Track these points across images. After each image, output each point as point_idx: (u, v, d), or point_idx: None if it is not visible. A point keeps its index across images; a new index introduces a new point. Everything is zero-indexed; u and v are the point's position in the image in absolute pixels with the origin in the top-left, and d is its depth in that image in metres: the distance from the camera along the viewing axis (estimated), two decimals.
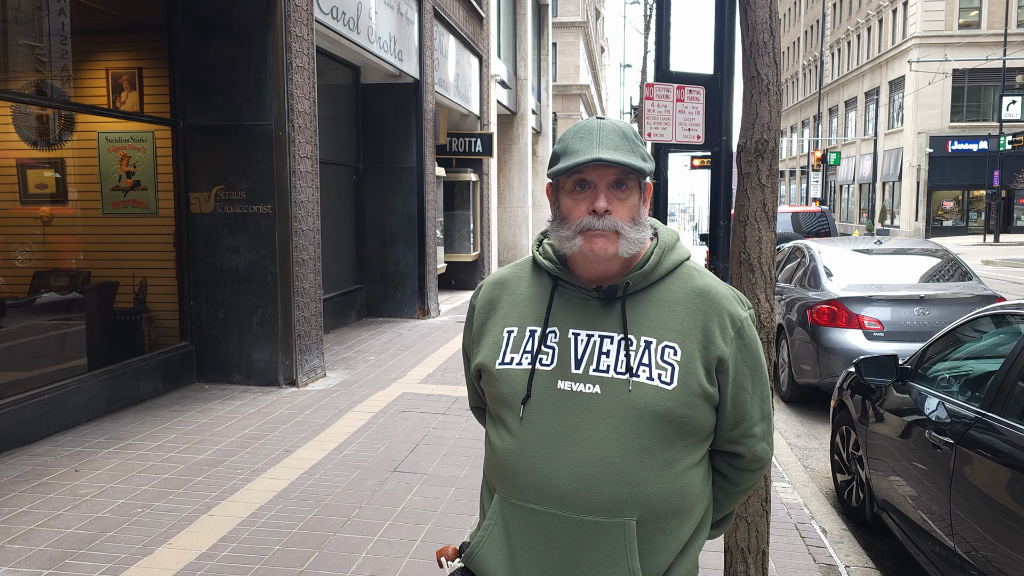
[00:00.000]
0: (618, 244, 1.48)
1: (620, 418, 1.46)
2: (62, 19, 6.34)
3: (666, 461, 1.48)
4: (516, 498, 1.51)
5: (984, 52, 36.25)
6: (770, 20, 2.35)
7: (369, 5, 9.27)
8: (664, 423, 1.47)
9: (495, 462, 1.57)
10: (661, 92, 6.59)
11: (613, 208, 1.48)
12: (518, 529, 1.51)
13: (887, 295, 7.18)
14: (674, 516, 1.50)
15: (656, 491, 1.47)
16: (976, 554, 3.13)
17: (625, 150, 1.47)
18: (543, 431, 1.49)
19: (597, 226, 1.47)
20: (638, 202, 1.52)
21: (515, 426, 1.52)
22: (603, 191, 1.48)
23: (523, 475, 1.50)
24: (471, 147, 14.56)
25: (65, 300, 6.43)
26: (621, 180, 1.49)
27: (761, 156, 2.44)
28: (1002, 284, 17.56)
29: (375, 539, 3.98)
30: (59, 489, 4.57)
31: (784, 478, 5.21)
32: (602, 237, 1.47)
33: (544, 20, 23.63)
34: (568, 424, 1.48)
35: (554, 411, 1.49)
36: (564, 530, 1.47)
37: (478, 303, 1.67)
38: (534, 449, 1.49)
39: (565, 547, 1.47)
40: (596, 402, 1.48)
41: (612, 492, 1.45)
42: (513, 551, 1.51)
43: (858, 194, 47.97)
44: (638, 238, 1.50)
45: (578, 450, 1.47)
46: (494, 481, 1.58)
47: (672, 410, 1.46)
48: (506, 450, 1.54)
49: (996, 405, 3.24)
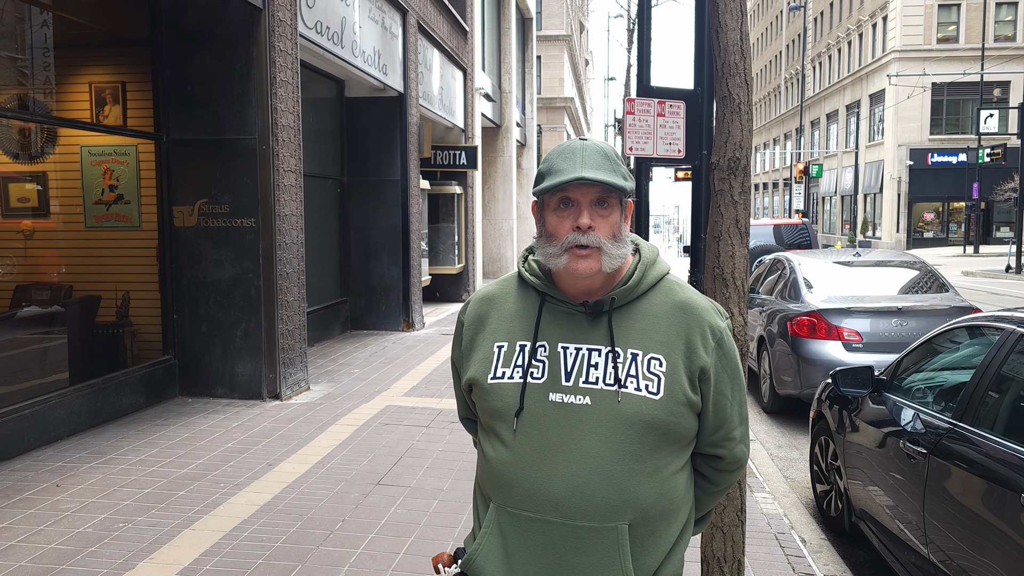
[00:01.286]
0: (601, 260, 1.55)
1: (611, 427, 1.53)
2: (45, 32, 6.35)
3: (654, 467, 1.55)
4: (512, 506, 1.57)
5: (962, 66, 36.78)
6: (741, 42, 2.42)
7: (353, 19, 9.32)
8: (652, 431, 1.54)
9: (490, 473, 1.63)
10: (642, 107, 6.67)
11: (596, 225, 1.55)
12: (514, 536, 1.57)
13: (866, 307, 7.27)
14: (662, 518, 1.58)
15: (646, 496, 1.54)
16: (950, 562, 3.19)
17: (607, 169, 1.55)
18: (537, 442, 1.56)
19: (581, 241, 1.53)
20: (619, 219, 1.59)
21: (509, 438, 1.59)
22: (586, 208, 1.55)
23: (518, 484, 1.56)
24: (456, 160, 14.61)
25: (47, 314, 6.41)
26: (603, 198, 1.56)
27: (733, 173, 2.50)
28: (981, 295, 17.78)
29: (358, 552, 3.99)
30: (40, 504, 4.55)
31: (764, 488, 5.26)
32: (586, 258, 1.54)
33: (528, 33, 23.79)
34: (561, 434, 1.55)
35: (547, 422, 1.56)
36: (560, 536, 1.53)
37: (466, 319, 1.73)
38: (529, 459, 1.56)
39: (561, 552, 1.53)
40: (587, 413, 1.54)
41: (605, 498, 1.52)
42: (510, 557, 1.57)
43: (840, 206, 48.41)
44: (619, 254, 1.57)
45: (571, 459, 1.53)
46: (489, 491, 1.64)
47: (659, 419, 1.54)
48: (501, 461, 1.59)
49: (967, 415, 3.30)
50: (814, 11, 53.35)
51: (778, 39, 62.78)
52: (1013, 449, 2.91)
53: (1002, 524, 2.83)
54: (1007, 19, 38.78)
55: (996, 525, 2.86)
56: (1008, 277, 23.61)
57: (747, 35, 2.48)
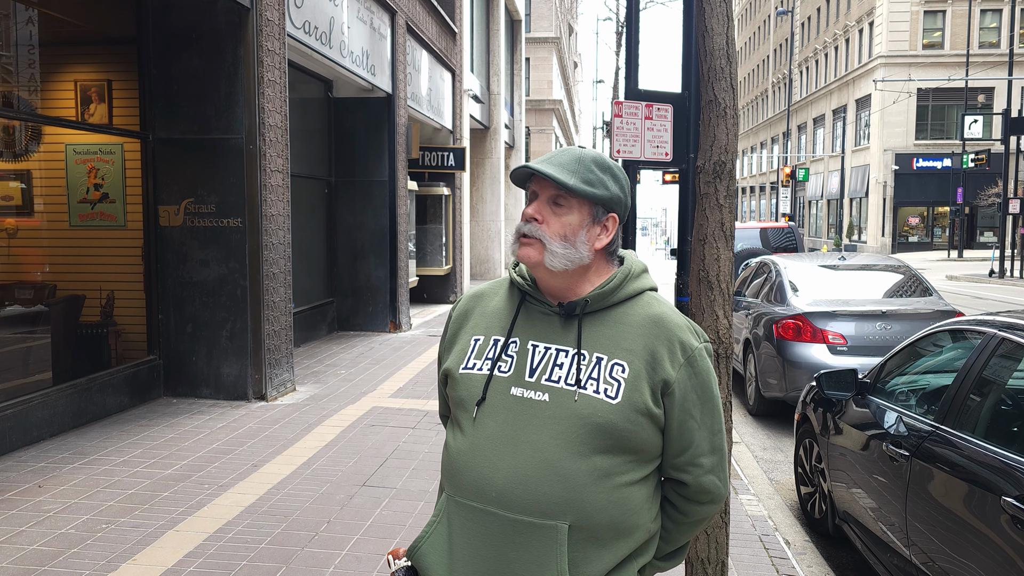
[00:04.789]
0: (543, 255, 1.57)
1: (563, 425, 1.53)
2: (30, 29, 6.30)
3: (604, 472, 1.53)
4: (460, 496, 1.58)
5: (947, 72, 37.11)
6: (727, 47, 2.43)
7: (342, 20, 9.30)
8: (604, 434, 1.53)
9: (447, 462, 1.65)
10: (630, 110, 6.69)
11: (545, 219, 1.58)
12: (459, 526, 1.57)
13: (851, 310, 7.33)
14: (610, 528, 1.54)
15: (591, 499, 1.52)
16: (932, 564, 3.22)
17: (568, 170, 1.57)
18: (491, 432, 1.57)
19: (523, 230, 1.59)
20: (578, 224, 1.58)
21: (468, 427, 1.60)
22: (541, 203, 1.59)
23: (467, 473, 1.57)
24: (444, 161, 14.60)
25: (30, 313, 6.36)
26: (558, 197, 1.58)
27: (719, 177, 2.52)
28: (965, 299, 17.93)
29: (343, 554, 3.98)
30: (22, 505, 4.52)
31: (749, 491, 5.29)
32: (527, 246, 1.58)
33: (517, 35, 23.82)
34: (515, 427, 1.56)
35: (503, 414, 1.57)
36: (499, 528, 1.53)
37: (455, 313, 1.76)
38: (481, 450, 1.57)
39: (499, 545, 1.53)
40: (543, 408, 1.55)
41: (547, 494, 1.51)
42: (452, 548, 1.57)
43: (826, 210, 48.71)
44: (565, 254, 1.57)
45: (519, 452, 1.53)
46: (445, 480, 1.66)
47: (614, 423, 1.53)
48: (458, 450, 1.61)
49: (950, 418, 3.33)
50: (801, 16, 53.69)
51: (766, 43, 63.13)
52: (994, 452, 2.94)
53: (983, 526, 2.85)
54: (991, 26, 39.16)
55: (977, 527, 2.89)
56: (991, 282, 23.83)
57: (733, 40, 2.50)
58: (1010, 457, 2.83)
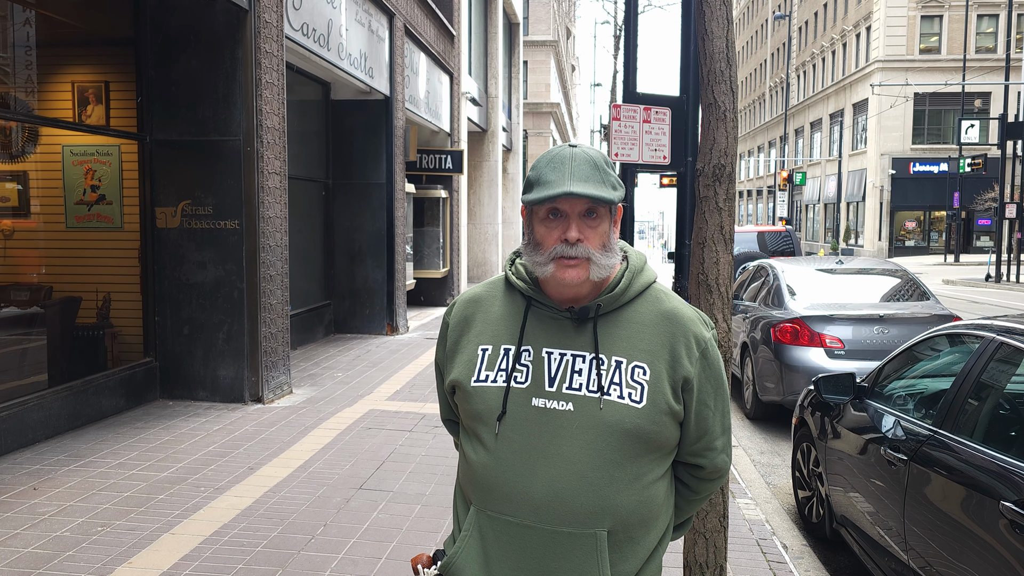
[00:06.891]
0: (589, 270, 1.54)
1: (592, 434, 1.53)
2: (27, 31, 6.29)
3: (635, 475, 1.55)
4: (492, 510, 1.57)
5: (944, 77, 37.20)
6: (727, 50, 2.43)
7: (340, 22, 9.30)
8: (633, 439, 1.54)
9: (471, 475, 1.63)
10: (628, 113, 6.70)
11: (584, 236, 1.53)
12: (494, 540, 1.57)
13: (848, 314, 7.32)
14: (641, 525, 1.58)
15: (625, 503, 1.54)
16: (930, 568, 3.21)
17: (595, 181, 1.52)
18: (518, 446, 1.55)
19: (570, 253, 1.52)
20: (608, 228, 1.58)
21: (491, 442, 1.58)
22: (575, 220, 1.53)
23: (499, 488, 1.56)
24: (441, 164, 14.60)
25: (26, 315, 6.34)
26: (592, 209, 1.54)
27: (719, 180, 2.51)
28: (961, 303, 17.96)
29: (340, 557, 3.97)
30: (17, 508, 4.49)
31: (747, 495, 5.28)
32: (574, 267, 1.53)
33: (515, 38, 23.84)
34: (543, 440, 1.54)
35: (529, 427, 1.56)
36: (538, 541, 1.53)
37: (452, 320, 1.72)
38: (510, 464, 1.55)
39: (539, 557, 1.53)
40: (569, 419, 1.54)
41: (584, 504, 1.52)
42: (489, 561, 1.57)
43: (823, 214, 48.79)
44: (608, 263, 1.56)
45: (552, 465, 1.53)
46: (470, 494, 1.64)
47: (641, 427, 1.53)
48: (482, 464, 1.59)
49: (947, 422, 3.33)
50: (799, 20, 53.79)
51: (763, 47, 63.25)
52: (992, 456, 2.93)
53: (981, 531, 2.85)
54: (988, 31, 39.29)
55: (975, 532, 2.88)
56: (988, 286, 23.88)
57: (733, 43, 2.49)
58: (1008, 461, 2.83)
